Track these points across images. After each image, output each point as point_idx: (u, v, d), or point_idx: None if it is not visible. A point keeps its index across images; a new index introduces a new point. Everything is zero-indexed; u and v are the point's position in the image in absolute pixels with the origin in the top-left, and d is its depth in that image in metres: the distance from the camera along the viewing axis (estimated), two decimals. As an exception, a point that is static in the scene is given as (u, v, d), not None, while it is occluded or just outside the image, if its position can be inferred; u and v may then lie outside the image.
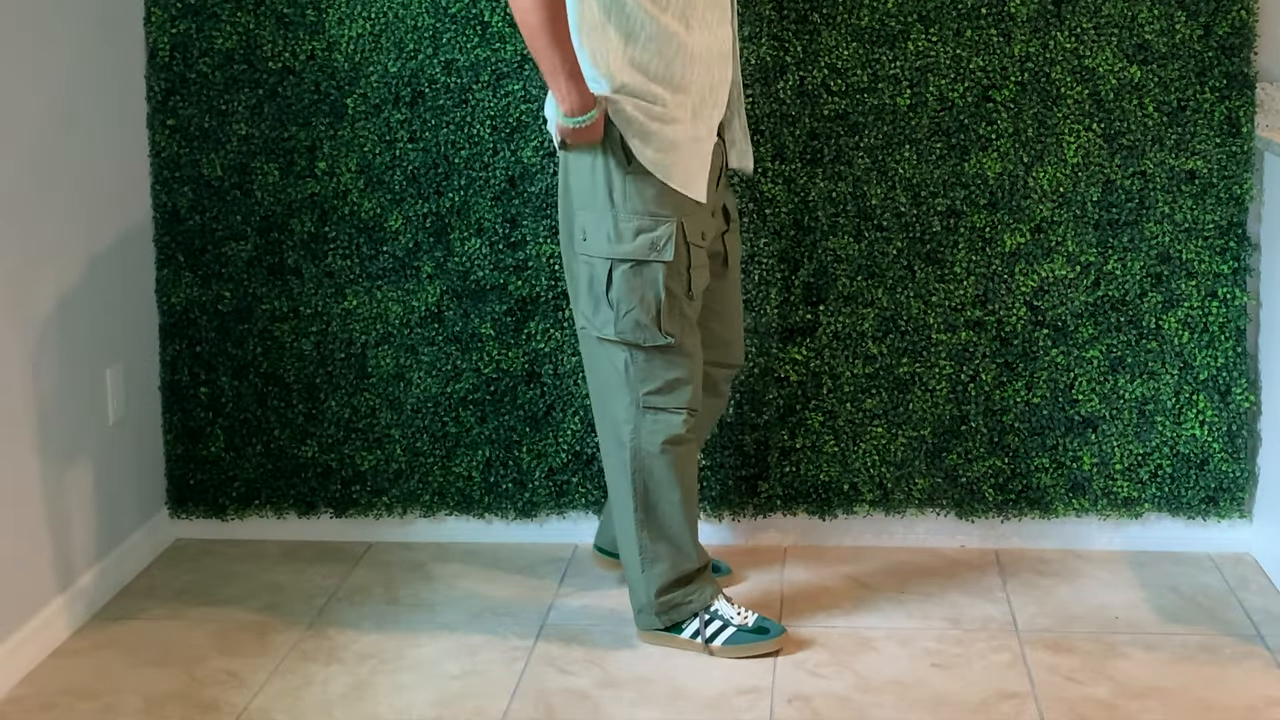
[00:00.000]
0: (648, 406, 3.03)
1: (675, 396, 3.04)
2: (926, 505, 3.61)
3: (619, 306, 2.96)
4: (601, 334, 3.02)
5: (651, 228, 2.94)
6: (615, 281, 2.96)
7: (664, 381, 3.03)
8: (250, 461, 3.70)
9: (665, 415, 3.04)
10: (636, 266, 2.95)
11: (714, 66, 2.97)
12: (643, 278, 2.96)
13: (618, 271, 2.96)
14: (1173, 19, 3.40)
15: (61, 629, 3.22)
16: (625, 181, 2.94)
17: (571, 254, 3.05)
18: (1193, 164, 3.45)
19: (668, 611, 3.13)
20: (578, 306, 3.07)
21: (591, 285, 3.00)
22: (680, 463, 3.07)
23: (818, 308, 3.54)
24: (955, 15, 3.43)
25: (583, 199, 2.98)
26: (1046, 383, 3.54)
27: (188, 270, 3.65)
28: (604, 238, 2.96)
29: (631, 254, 2.95)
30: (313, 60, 3.55)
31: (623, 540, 3.15)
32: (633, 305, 2.96)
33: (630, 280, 2.95)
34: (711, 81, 2.97)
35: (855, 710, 2.90)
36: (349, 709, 2.93)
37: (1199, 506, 3.56)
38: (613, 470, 3.12)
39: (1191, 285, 3.48)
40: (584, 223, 2.99)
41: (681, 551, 3.13)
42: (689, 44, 2.91)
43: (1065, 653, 3.11)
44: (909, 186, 3.49)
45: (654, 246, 2.94)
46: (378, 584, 3.49)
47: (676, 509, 3.10)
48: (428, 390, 3.63)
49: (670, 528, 3.11)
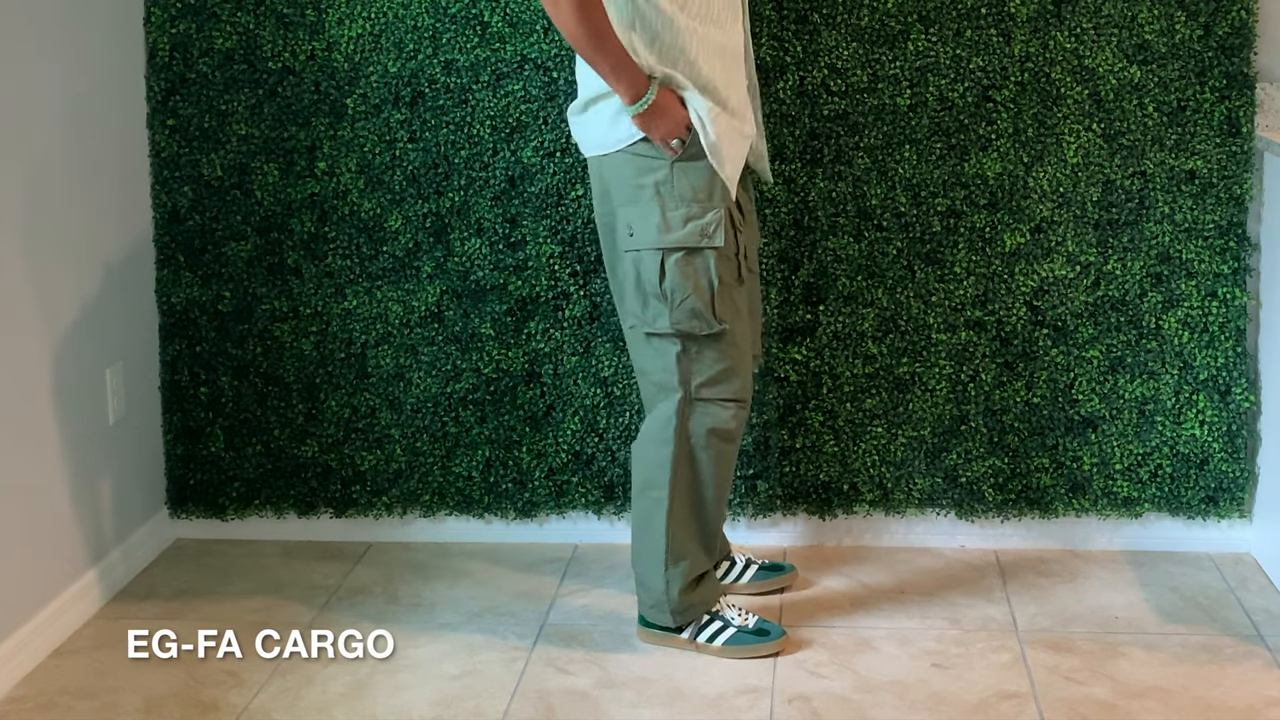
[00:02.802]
0: (698, 398, 3.03)
1: (725, 387, 3.04)
2: (926, 505, 3.61)
3: (673, 296, 2.96)
4: (654, 329, 3.01)
5: (700, 215, 2.94)
6: (669, 271, 2.96)
7: (715, 372, 3.03)
8: (250, 461, 3.70)
9: (714, 407, 3.04)
10: (689, 255, 2.95)
11: (731, 64, 2.97)
12: (695, 265, 2.96)
13: (670, 261, 2.95)
14: (1173, 19, 3.40)
15: (62, 629, 3.22)
16: (672, 171, 2.94)
17: (616, 255, 3.05)
18: (1193, 164, 3.45)
19: (684, 611, 3.12)
20: (624, 307, 3.07)
21: (639, 281, 2.99)
22: (722, 460, 3.08)
23: (818, 308, 3.55)
24: (955, 15, 3.43)
25: (625, 195, 2.98)
26: (1046, 383, 3.54)
27: (188, 270, 3.65)
28: (653, 229, 2.95)
29: (683, 242, 2.95)
30: (313, 60, 3.55)
31: (645, 536, 3.12)
32: (688, 293, 2.96)
33: (684, 268, 2.96)
34: (733, 78, 2.97)
35: (855, 710, 2.90)
36: (348, 709, 2.93)
37: (1199, 506, 3.56)
38: (649, 464, 3.08)
39: (1191, 285, 3.48)
40: (629, 218, 2.98)
41: (705, 551, 3.13)
42: (710, 39, 2.92)
43: (1065, 653, 3.11)
44: (909, 186, 3.49)
45: (704, 233, 2.95)
46: (378, 584, 3.50)
47: (713, 507, 3.11)
48: (428, 390, 3.63)
49: (704, 525, 3.11)
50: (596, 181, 3.05)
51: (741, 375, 3.05)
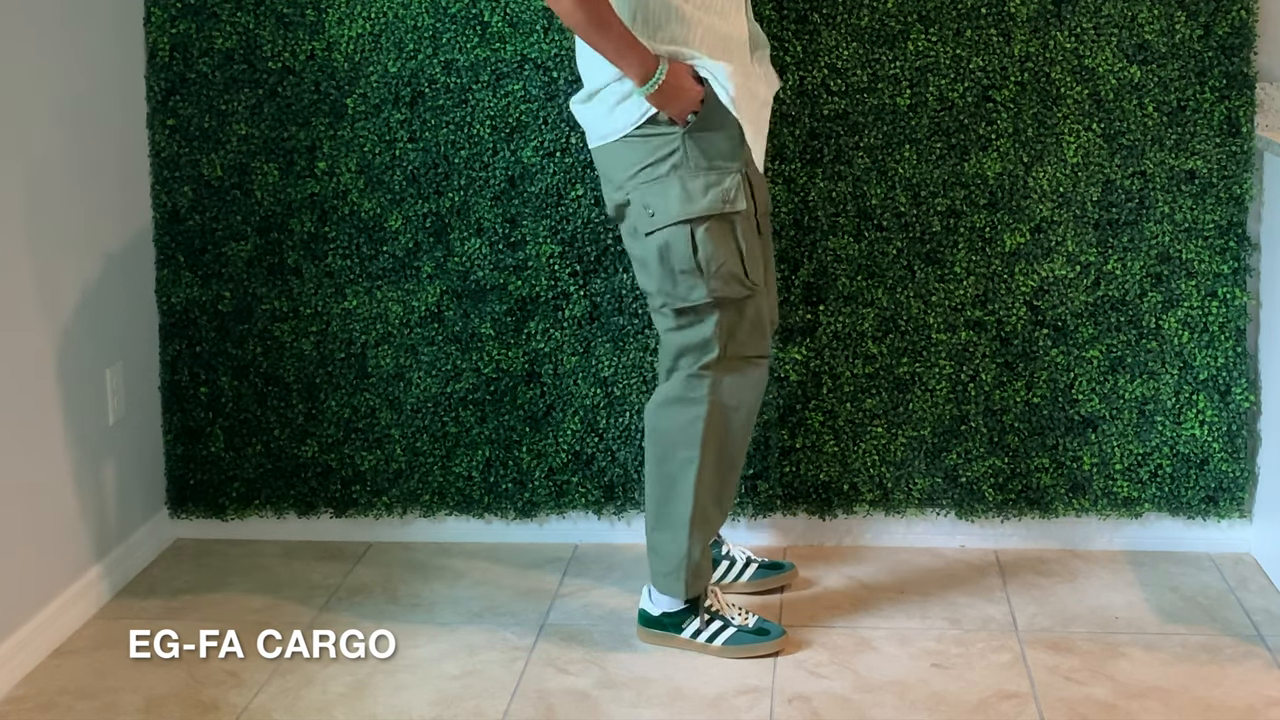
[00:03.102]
0: (733, 355, 3.04)
1: (755, 344, 3.07)
2: (926, 505, 3.61)
3: (709, 265, 2.96)
4: (689, 301, 3.00)
5: (719, 181, 2.95)
6: (700, 242, 2.96)
7: (748, 331, 3.05)
8: (250, 461, 3.70)
9: (746, 366, 3.06)
10: (716, 222, 2.97)
11: (736, 53, 2.97)
12: (724, 231, 2.97)
13: (699, 231, 2.96)
14: (1173, 19, 3.40)
15: (61, 629, 3.22)
16: (684, 142, 2.94)
17: (636, 240, 3.04)
18: (1193, 164, 3.45)
19: (699, 576, 3.12)
20: (651, 286, 3.05)
21: (667, 259, 2.98)
22: (750, 418, 3.10)
23: (818, 308, 3.54)
24: (955, 15, 3.43)
25: (638, 178, 2.98)
26: (1046, 383, 3.54)
27: (188, 270, 3.65)
28: (675, 203, 2.95)
29: (708, 210, 2.95)
30: (313, 60, 3.55)
31: (669, 501, 3.09)
32: (723, 260, 2.97)
33: (715, 236, 2.97)
34: (737, 68, 2.96)
35: (855, 710, 2.90)
36: (348, 709, 2.93)
37: (1199, 506, 3.56)
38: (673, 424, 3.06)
39: (1191, 285, 3.48)
40: (646, 200, 2.98)
41: (720, 514, 3.15)
42: (715, 28, 2.92)
43: (1065, 653, 3.11)
44: (909, 186, 3.49)
45: (725, 199, 2.96)
46: (378, 584, 3.50)
47: (738, 465, 3.13)
48: (428, 390, 3.63)
49: (727, 486, 3.13)
50: (603, 169, 3.05)
51: (766, 331, 3.09)
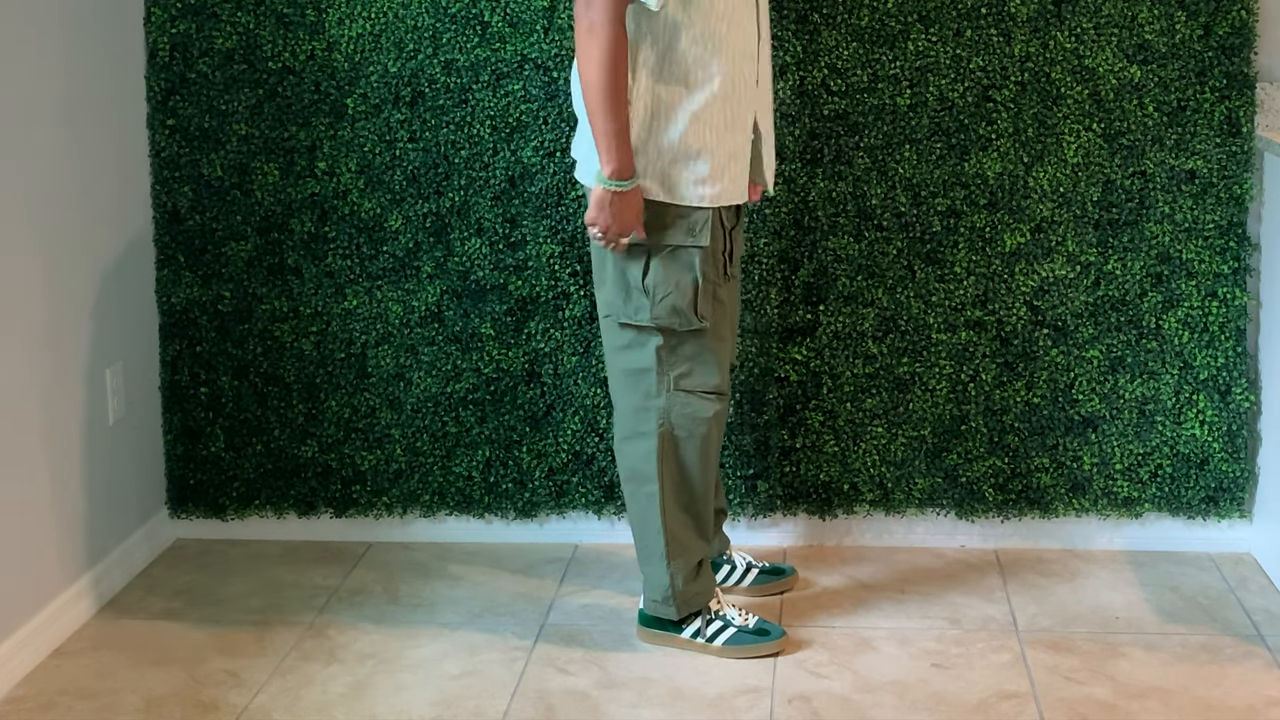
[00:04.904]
0: (679, 389, 3.03)
1: (705, 379, 3.04)
2: (926, 505, 3.61)
3: (655, 292, 2.96)
4: (634, 320, 3.01)
5: (688, 213, 2.94)
6: (652, 268, 2.96)
7: (694, 366, 3.03)
8: (250, 461, 3.70)
9: (695, 399, 3.04)
10: (674, 252, 2.96)
11: (741, 61, 2.94)
12: (680, 263, 2.96)
13: (655, 258, 2.96)
14: (1173, 19, 3.40)
15: (61, 629, 3.22)
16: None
17: (598, 248, 3.04)
18: (1193, 164, 3.45)
19: (689, 601, 3.13)
20: (602, 295, 3.07)
21: (623, 275, 2.99)
22: (706, 447, 3.08)
23: (818, 308, 3.54)
24: (955, 15, 3.43)
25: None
26: (1046, 383, 3.54)
27: (188, 270, 3.65)
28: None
29: (669, 239, 2.95)
30: (313, 60, 3.55)
31: (643, 530, 3.12)
32: (669, 290, 2.96)
33: (668, 266, 2.96)
34: (742, 76, 2.94)
35: (855, 710, 2.90)
36: (349, 709, 2.93)
37: (1199, 506, 3.56)
38: (635, 459, 3.09)
39: (1191, 285, 3.48)
40: None
41: (702, 539, 3.14)
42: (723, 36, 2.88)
43: (1065, 653, 3.11)
44: (909, 186, 3.49)
45: (690, 231, 2.95)
46: (378, 584, 3.50)
47: (701, 494, 3.11)
48: (428, 390, 3.63)
49: (697, 514, 3.11)
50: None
51: (721, 368, 3.06)
